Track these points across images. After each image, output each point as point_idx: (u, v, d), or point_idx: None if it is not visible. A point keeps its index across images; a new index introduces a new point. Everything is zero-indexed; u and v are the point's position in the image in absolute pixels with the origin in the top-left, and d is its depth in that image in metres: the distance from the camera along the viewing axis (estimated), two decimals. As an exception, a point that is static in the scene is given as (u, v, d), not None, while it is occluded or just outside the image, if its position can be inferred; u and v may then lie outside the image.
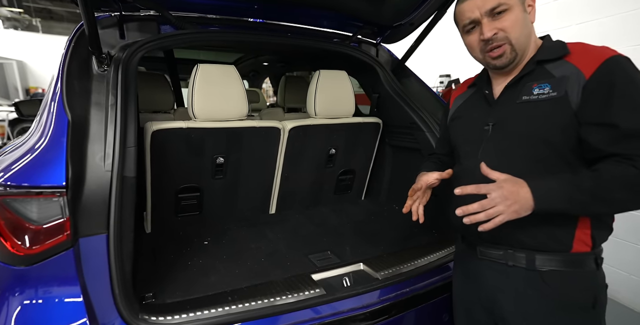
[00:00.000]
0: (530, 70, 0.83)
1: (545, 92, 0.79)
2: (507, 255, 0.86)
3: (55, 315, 0.77)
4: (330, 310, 1.02)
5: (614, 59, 0.73)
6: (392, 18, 1.65)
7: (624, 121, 0.70)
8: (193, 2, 1.43)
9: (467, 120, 0.98)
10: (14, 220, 0.77)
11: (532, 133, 0.80)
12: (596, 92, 0.73)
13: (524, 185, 0.72)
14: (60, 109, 0.96)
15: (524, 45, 0.84)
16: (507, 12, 0.82)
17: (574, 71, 0.76)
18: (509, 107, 0.86)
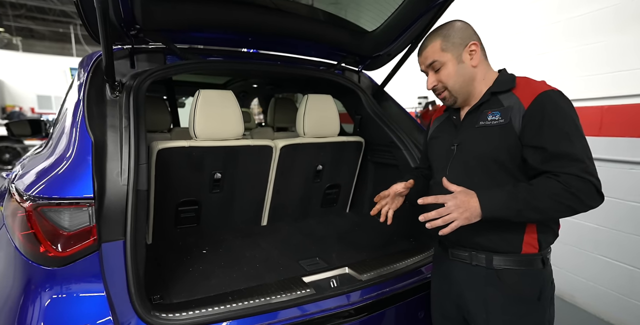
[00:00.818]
0: (486, 99, 1.00)
1: (496, 118, 0.96)
2: (472, 256, 1.01)
3: (84, 310, 0.88)
4: (320, 307, 1.15)
5: (546, 94, 0.90)
6: (371, 49, 1.87)
7: (551, 145, 0.86)
8: (195, 35, 1.61)
9: (440, 140, 1.14)
10: (50, 227, 0.89)
11: (485, 153, 0.96)
12: (531, 120, 0.89)
13: (474, 195, 0.88)
14: (84, 131, 1.09)
15: (462, 89, 1.02)
16: (442, 67, 1.02)
17: (517, 102, 0.93)
18: (469, 130, 1.02)
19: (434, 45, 1.02)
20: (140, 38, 1.42)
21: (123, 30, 1.34)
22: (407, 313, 1.32)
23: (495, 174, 0.95)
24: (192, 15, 1.46)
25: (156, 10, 1.33)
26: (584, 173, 0.83)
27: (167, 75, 1.47)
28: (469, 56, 1.00)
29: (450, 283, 1.09)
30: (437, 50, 1.02)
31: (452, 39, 1.00)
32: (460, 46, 1.00)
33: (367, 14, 1.73)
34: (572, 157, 0.85)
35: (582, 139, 0.88)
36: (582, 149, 0.86)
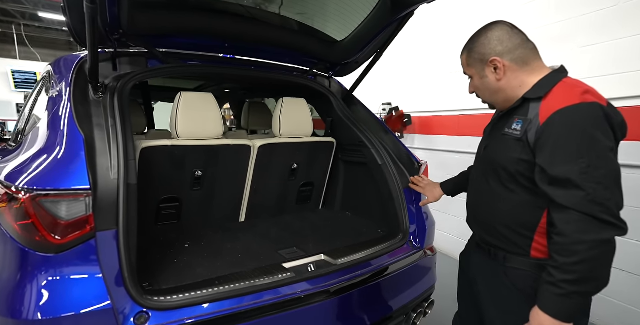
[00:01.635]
0: (518, 105, 0.98)
1: (518, 129, 0.95)
2: (491, 252, 1.08)
3: (85, 293, 0.94)
4: (300, 289, 1.27)
5: (564, 111, 0.85)
6: (341, 57, 2.04)
7: (550, 168, 0.85)
8: (175, 41, 1.69)
9: (483, 137, 1.20)
10: (48, 217, 0.94)
11: (499, 161, 1.01)
12: (541, 139, 0.88)
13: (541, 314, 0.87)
14: (73, 128, 1.15)
15: (492, 99, 1.06)
16: (471, 79, 1.08)
17: (537, 115, 0.91)
18: (496, 135, 1.06)
19: (463, 59, 1.08)
20: (123, 42, 1.48)
21: (107, 34, 1.40)
22: (377, 293, 1.47)
23: (507, 182, 0.99)
24: (173, 23, 1.55)
25: (140, 17, 1.41)
26: (582, 203, 0.81)
27: (149, 78, 1.54)
28: (492, 71, 1.00)
29: (469, 269, 1.21)
30: (464, 63, 1.08)
31: (473, 55, 1.03)
32: (482, 63, 1.01)
33: (335, 24, 1.91)
34: (572, 183, 0.82)
35: (595, 162, 0.82)
36: (588, 173, 0.82)
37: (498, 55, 0.98)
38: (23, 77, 12.40)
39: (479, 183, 1.09)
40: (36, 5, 11.24)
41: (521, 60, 0.98)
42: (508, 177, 0.98)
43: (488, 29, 1.02)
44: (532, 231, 0.96)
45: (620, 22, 2.05)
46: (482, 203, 1.10)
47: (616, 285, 1.94)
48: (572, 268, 0.82)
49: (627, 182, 1.61)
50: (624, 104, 2.05)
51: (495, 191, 1.02)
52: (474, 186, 1.15)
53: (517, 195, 0.98)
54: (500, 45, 0.98)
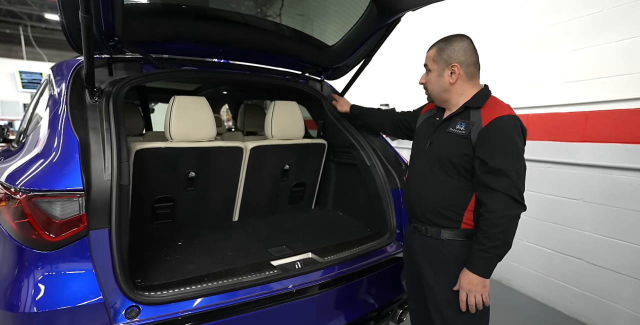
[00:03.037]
0: (461, 111, 1.24)
1: (461, 129, 1.20)
2: (426, 230, 1.31)
3: (78, 288, 1.00)
4: (286, 285, 1.33)
5: (500, 119, 1.14)
6: (331, 61, 2.09)
7: (490, 160, 1.12)
8: (170, 47, 1.75)
9: (422, 133, 1.41)
10: (43, 216, 1.00)
11: (445, 154, 1.24)
12: (483, 137, 1.14)
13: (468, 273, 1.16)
14: (69, 132, 1.21)
15: (437, 96, 1.29)
16: (429, 72, 1.28)
17: (478, 119, 1.17)
18: (441, 133, 1.28)
19: (431, 53, 1.27)
20: (118, 48, 1.54)
21: (102, 41, 1.46)
22: (361, 289, 1.53)
23: (449, 171, 1.24)
24: (167, 29, 1.61)
25: (134, 24, 1.47)
26: (508, 187, 1.10)
27: (143, 83, 1.60)
28: (449, 74, 1.23)
29: (411, 250, 1.42)
30: (430, 57, 1.27)
31: (442, 54, 1.23)
32: (445, 63, 1.22)
33: (330, 28, 1.97)
34: (504, 172, 1.10)
35: (517, 158, 1.13)
36: (513, 166, 1.11)
37: (459, 63, 1.21)
38: (30, 77, 12.59)
39: (423, 172, 1.31)
40: (42, 7, 11.41)
41: (470, 75, 1.24)
42: (451, 167, 1.22)
43: (460, 39, 1.23)
44: (464, 209, 1.23)
45: (606, 27, 2.09)
46: (426, 188, 1.30)
47: (606, 284, 2.12)
48: (498, 236, 1.10)
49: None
50: (608, 107, 2.09)
51: (438, 178, 1.25)
52: (416, 175, 1.35)
53: (456, 182, 1.23)
54: (464, 56, 1.22)
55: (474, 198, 1.21)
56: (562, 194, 2.37)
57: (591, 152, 2.17)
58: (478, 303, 1.17)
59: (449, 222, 1.25)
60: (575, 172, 2.28)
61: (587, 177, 2.21)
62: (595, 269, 2.19)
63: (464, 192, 1.22)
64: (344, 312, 1.48)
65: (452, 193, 1.24)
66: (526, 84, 2.59)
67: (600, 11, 2.10)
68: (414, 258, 1.39)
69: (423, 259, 1.33)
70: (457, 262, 1.23)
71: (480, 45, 2.15)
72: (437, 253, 1.28)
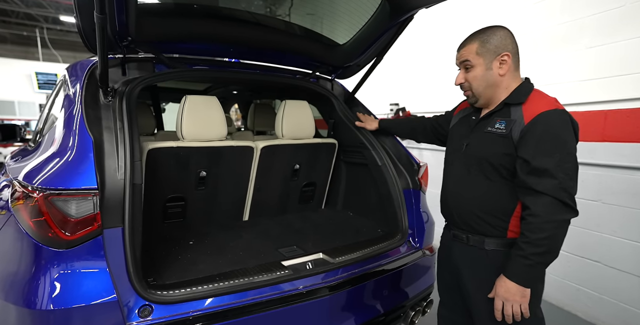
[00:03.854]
0: (499, 108, 1.14)
1: (501, 128, 1.11)
2: (468, 238, 1.22)
3: (91, 286, 1.01)
4: (297, 286, 1.32)
5: (545, 114, 1.03)
6: (343, 60, 2.07)
7: (534, 160, 1.02)
8: (182, 46, 1.76)
9: (457, 135, 1.31)
10: (59, 214, 1.02)
11: (484, 155, 1.15)
12: (526, 135, 1.04)
13: (505, 280, 1.05)
14: (83, 131, 1.22)
15: (483, 92, 1.15)
16: (472, 68, 1.14)
17: (521, 116, 1.07)
18: (479, 133, 1.19)
19: (471, 47, 1.14)
20: (131, 48, 1.56)
21: (116, 41, 1.47)
22: (373, 290, 1.51)
23: (489, 173, 1.14)
24: (179, 29, 1.61)
25: (147, 25, 1.48)
26: (555, 190, 1.00)
27: (156, 82, 1.61)
28: (499, 65, 1.11)
29: (450, 258, 1.32)
30: (472, 51, 1.13)
31: (488, 45, 1.11)
32: (494, 54, 1.10)
33: (341, 27, 1.95)
34: (549, 173, 1.00)
35: (566, 157, 1.01)
36: (561, 166, 1.00)
37: (510, 52, 1.10)
38: (45, 78, 12.89)
39: (460, 175, 1.22)
40: (58, 9, 11.66)
41: (517, 65, 1.14)
42: (491, 169, 1.13)
43: (500, 28, 1.13)
44: (509, 215, 1.12)
45: (627, 23, 2.02)
46: (465, 192, 1.21)
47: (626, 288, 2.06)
48: (541, 242, 1.00)
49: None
50: (628, 105, 2.02)
51: (477, 182, 1.16)
52: (453, 179, 1.27)
53: (498, 185, 1.13)
54: (511, 45, 1.11)
55: (520, 203, 1.10)
56: (580, 195, 2.27)
57: (611, 152, 2.11)
58: (516, 314, 1.06)
59: (493, 230, 1.14)
60: (594, 173, 2.22)
61: (606, 177, 2.15)
62: (615, 272, 2.12)
63: (508, 197, 1.12)
64: (355, 313, 1.47)
65: (494, 197, 1.14)
66: (542, 83, 2.52)
67: (622, 6, 2.03)
68: (452, 265, 1.30)
69: (465, 269, 1.23)
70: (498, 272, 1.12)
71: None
72: (481, 265, 1.18)
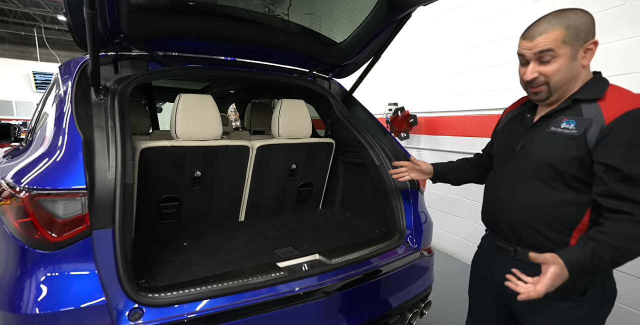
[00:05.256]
0: (566, 105, 0.96)
1: (570, 128, 0.93)
2: (516, 251, 1.05)
3: (79, 289, 0.98)
4: (292, 288, 1.29)
5: (633, 112, 0.86)
6: (340, 59, 2.05)
7: (625, 166, 0.84)
8: (176, 44, 1.73)
9: (507, 136, 1.15)
10: (45, 215, 0.99)
11: (547, 159, 0.96)
12: (609, 137, 0.86)
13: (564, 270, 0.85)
14: (73, 130, 1.19)
15: (563, 87, 0.96)
16: (554, 60, 0.92)
17: (598, 114, 0.89)
18: (538, 133, 1.01)
19: (555, 34, 0.92)
20: (124, 46, 1.53)
21: (108, 38, 1.45)
22: (370, 292, 1.48)
23: (551, 180, 0.97)
24: (173, 26, 1.59)
25: (140, 21, 1.45)
26: None
27: (149, 81, 1.59)
28: (584, 54, 0.93)
29: (492, 272, 1.14)
30: (557, 40, 0.91)
31: (576, 32, 0.91)
32: (582, 41, 0.92)
33: (338, 25, 1.93)
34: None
35: None
36: None
37: (595, 41, 0.93)
38: (43, 78, 12.81)
39: (513, 182, 1.05)
40: (56, 9, 11.62)
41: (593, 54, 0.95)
42: (555, 176, 0.96)
43: (585, 13, 0.94)
44: (572, 229, 0.95)
45: (627, 21, 2.00)
46: (518, 201, 1.05)
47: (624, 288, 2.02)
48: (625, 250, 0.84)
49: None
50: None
51: (535, 189, 0.99)
52: (504, 184, 1.10)
53: (561, 194, 0.96)
54: (594, 32, 0.93)
55: (588, 215, 0.94)
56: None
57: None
58: None
59: (551, 244, 0.97)
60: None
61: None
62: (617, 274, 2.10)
63: (573, 208, 0.95)
64: (352, 315, 1.44)
65: (555, 208, 0.97)
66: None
67: (623, 4, 2.01)
68: (495, 281, 1.12)
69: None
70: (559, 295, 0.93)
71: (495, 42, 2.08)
72: None
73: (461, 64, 3.16)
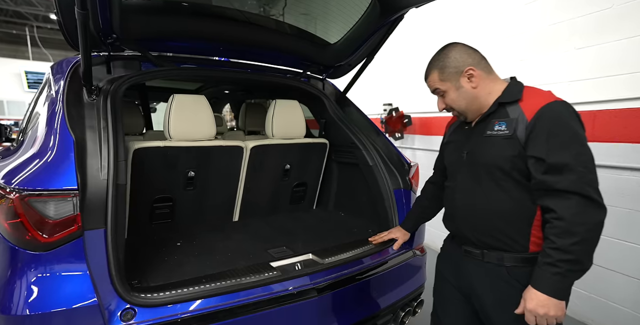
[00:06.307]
0: (494, 110, 1.07)
1: (502, 129, 1.03)
2: (483, 254, 1.09)
3: (70, 290, 0.98)
4: (285, 287, 1.30)
5: (548, 106, 0.96)
6: (334, 60, 2.06)
7: (548, 156, 0.93)
8: (169, 44, 1.73)
9: (452, 146, 1.24)
10: (36, 216, 0.98)
11: (491, 161, 1.05)
12: (533, 132, 0.96)
13: (534, 292, 0.93)
14: (64, 130, 1.19)
15: (468, 108, 1.11)
16: (445, 94, 1.12)
17: (521, 113, 1.00)
18: (478, 139, 1.10)
19: (433, 76, 1.13)
20: (116, 46, 1.52)
21: (101, 39, 1.44)
22: (362, 291, 1.49)
23: (501, 180, 1.04)
24: (166, 27, 1.59)
25: (133, 22, 1.45)
26: (577, 184, 0.90)
27: (142, 81, 1.58)
28: (467, 80, 1.09)
29: (460, 275, 1.19)
30: (436, 81, 1.12)
31: (447, 69, 1.09)
32: (457, 74, 1.08)
33: (332, 26, 1.94)
34: (569, 168, 0.91)
35: (581, 149, 0.93)
36: (579, 159, 0.92)
37: (471, 65, 1.08)
38: (35, 77, 12.67)
39: (469, 188, 1.11)
40: (48, 8, 11.49)
41: (487, 70, 1.11)
42: (503, 176, 1.03)
43: (451, 48, 1.12)
44: (530, 225, 1.01)
45: (615, 25, 2.03)
46: (476, 206, 1.10)
47: (614, 287, 2.07)
48: (570, 248, 0.89)
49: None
50: (617, 106, 2.03)
51: (490, 192, 1.06)
52: (461, 192, 1.15)
53: (513, 193, 1.03)
54: (470, 58, 1.10)
55: (540, 208, 0.99)
56: (569, 195, 2.32)
57: (600, 152, 2.11)
58: None
59: (514, 243, 1.03)
60: (582, 173, 2.23)
61: (595, 177, 2.16)
62: (604, 271, 2.13)
63: (527, 204, 1.01)
64: (345, 314, 1.45)
65: (510, 207, 1.03)
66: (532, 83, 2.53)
67: (610, 8, 2.05)
68: (464, 284, 1.18)
69: (482, 289, 1.11)
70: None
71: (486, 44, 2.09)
72: (502, 282, 1.06)
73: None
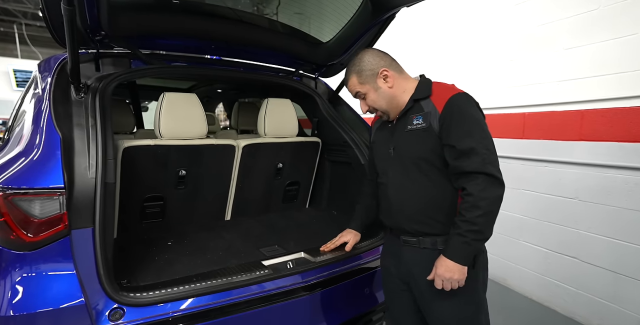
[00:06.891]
0: (410, 106, 1.18)
1: (420, 123, 1.14)
2: (419, 241, 1.18)
3: (57, 289, 0.96)
4: (277, 285, 1.29)
5: (453, 98, 1.08)
6: (326, 58, 2.06)
7: (457, 143, 1.04)
8: (160, 42, 1.71)
9: (379, 144, 1.31)
10: (21, 215, 0.97)
11: (415, 153, 1.15)
12: (444, 122, 1.08)
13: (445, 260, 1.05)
14: (51, 128, 1.17)
15: (390, 107, 1.21)
16: (366, 96, 1.22)
17: (433, 107, 1.12)
18: (401, 134, 1.20)
19: (353, 81, 1.22)
20: (105, 43, 1.50)
21: (89, 36, 1.42)
22: (354, 289, 1.50)
23: (427, 171, 1.14)
24: (156, 24, 1.57)
25: (121, 18, 1.43)
26: (482, 165, 1.02)
27: (132, 79, 1.56)
28: (384, 81, 1.19)
29: (400, 263, 1.26)
30: (355, 84, 1.22)
31: (364, 72, 1.19)
32: (373, 76, 1.19)
33: (325, 25, 1.93)
34: (474, 151, 1.03)
35: (482, 134, 1.06)
36: (482, 143, 1.04)
37: (385, 67, 1.19)
38: (24, 76, 12.44)
39: (400, 181, 1.20)
40: (37, 5, 11.28)
41: (398, 70, 1.23)
42: (427, 166, 1.14)
43: (364, 53, 1.22)
44: (456, 209, 1.10)
45: (601, 25, 2.07)
46: (408, 198, 1.19)
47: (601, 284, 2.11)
48: (476, 220, 1.01)
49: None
50: (604, 105, 2.07)
51: (418, 183, 1.16)
52: (393, 187, 1.23)
53: (438, 181, 1.13)
54: (382, 60, 1.20)
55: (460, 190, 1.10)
56: (558, 193, 2.35)
57: (587, 150, 2.15)
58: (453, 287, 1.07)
59: (444, 228, 1.13)
60: (571, 171, 2.26)
61: (583, 175, 2.19)
62: (591, 268, 2.17)
63: (451, 190, 1.12)
64: (337, 312, 1.45)
65: (437, 194, 1.14)
66: (522, 83, 2.57)
67: (596, 9, 2.08)
68: (403, 271, 1.25)
69: (419, 273, 1.19)
70: None
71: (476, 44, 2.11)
72: None
73: (449, 62, 3.21)
